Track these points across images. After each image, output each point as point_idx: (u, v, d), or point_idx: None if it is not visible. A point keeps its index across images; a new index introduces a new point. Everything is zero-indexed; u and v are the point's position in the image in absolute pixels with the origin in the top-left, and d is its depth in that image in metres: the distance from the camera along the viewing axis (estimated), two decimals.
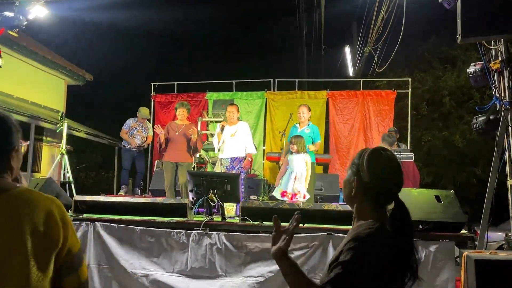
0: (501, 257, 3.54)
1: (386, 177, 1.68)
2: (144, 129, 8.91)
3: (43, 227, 1.46)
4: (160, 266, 4.81)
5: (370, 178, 1.66)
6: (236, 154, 6.73)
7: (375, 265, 1.52)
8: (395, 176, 1.70)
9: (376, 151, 1.72)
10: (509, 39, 4.41)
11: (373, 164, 1.68)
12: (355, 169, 1.72)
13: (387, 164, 1.70)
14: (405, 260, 1.61)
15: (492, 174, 4.41)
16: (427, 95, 13.92)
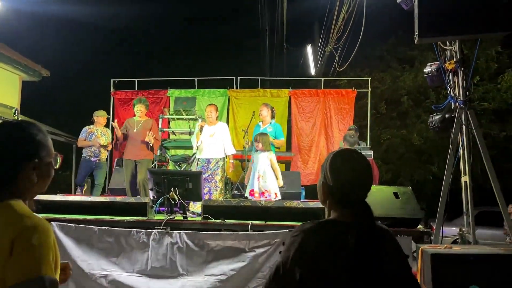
0: (455, 251, 3.66)
1: (347, 180, 1.64)
2: (104, 134, 8.18)
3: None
4: (119, 266, 4.72)
5: (333, 182, 1.65)
6: (213, 155, 6.64)
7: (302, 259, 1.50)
8: (357, 178, 1.65)
9: (338, 155, 1.71)
10: (463, 40, 4.57)
11: (334, 167, 1.67)
12: (323, 173, 1.71)
13: (349, 167, 1.66)
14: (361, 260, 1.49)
15: (447, 171, 4.55)
16: (386, 94, 14.25)
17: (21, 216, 1.37)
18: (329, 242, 1.52)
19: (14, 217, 1.36)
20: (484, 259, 3.50)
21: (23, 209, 1.41)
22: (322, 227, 1.58)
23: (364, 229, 1.55)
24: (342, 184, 1.64)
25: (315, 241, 1.52)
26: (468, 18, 4.03)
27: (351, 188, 1.63)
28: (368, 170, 1.69)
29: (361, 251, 1.49)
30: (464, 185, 4.65)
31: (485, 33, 4.22)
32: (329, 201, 1.68)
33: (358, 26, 8.32)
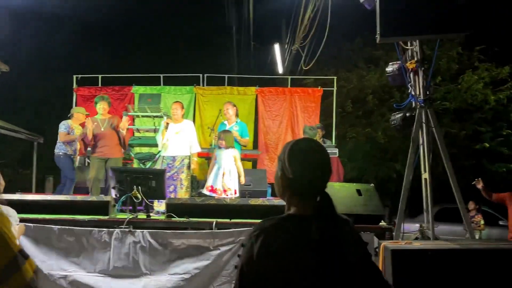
0: (415, 247, 3.74)
1: (306, 171, 1.57)
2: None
3: None
4: (80, 267, 4.62)
5: (292, 173, 1.57)
6: (179, 153, 6.51)
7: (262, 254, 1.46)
8: (317, 168, 1.58)
9: (296, 145, 1.63)
10: (424, 40, 4.68)
11: (292, 158, 1.59)
12: (280, 165, 1.63)
13: (307, 157, 1.59)
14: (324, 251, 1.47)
15: (408, 168, 4.66)
16: (352, 93, 14.45)
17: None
18: (292, 238, 1.48)
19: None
20: (442, 254, 3.58)
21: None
22: (283, 223, 1.53)
23: (327, 222, 1.50)
24: (302, 175, 1.56)
25: (278, 238, 1.48)
26: (428, 18, 4.13)
27: (311, 179, 1.57)
28: (327, 160, 1.63)
29: (325, 244, 1.46)
30: (424, 183, 4.77)
31: (444, 34, 4.34)
32: (288, 193, 1.61)
33: (324, 26, 8.39)
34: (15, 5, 11.22)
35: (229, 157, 6.33)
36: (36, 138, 11.33)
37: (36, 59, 15.62)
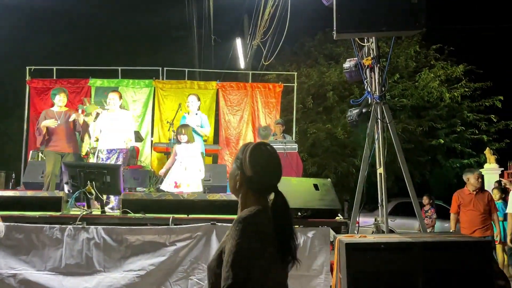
0: (368, 240, 3.81)
1: (266, 171, 1.86)
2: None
3: None
4: (29, 265, 4.46)
5: (252, 172, 1.83)
6: (114, 145, 6.26)
7: (259, 238, 1.71)
8: (275, 169, 1.89)
9: (257, 147, 1.89)
10: (379, 37, 4.76)
11: (254, 159, 1.85)
12: (239, 164, 1.87)
13: (267, 159, 1.88)
14: (283, 242, 1.77)
15: (363, 163, 4.74)
16: (312, 89, 14.58)
17: None
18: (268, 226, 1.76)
19: None
20: (394, 247, 3.67)
21: None
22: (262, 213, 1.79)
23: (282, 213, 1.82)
24: (261, 174, 1.84)
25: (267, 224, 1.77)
26: (384, 15, 4.20)
27: (269, 178, 1.86)
28: (279, 162, 1.92)
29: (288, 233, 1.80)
30: (379, 177, 4.87)
31: (399, 31, 4.42)
32: (244, 189, 1.86)
33: (285, 21, 8.42)
34: None
35: (190, 152, 6.26)
36: None
37: None
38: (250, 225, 1.72)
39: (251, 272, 1.68)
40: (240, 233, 1.70)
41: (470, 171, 6.34)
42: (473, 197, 6.10)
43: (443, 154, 14.40)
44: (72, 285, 4.42)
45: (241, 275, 1.65)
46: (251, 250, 1.68)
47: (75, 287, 4.41)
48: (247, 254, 1.68)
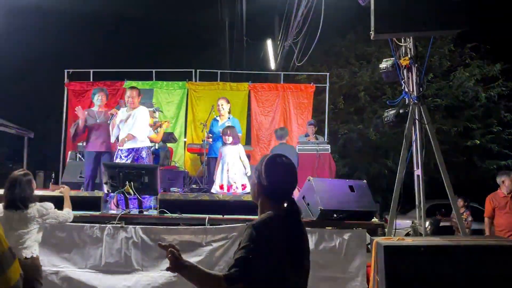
0: (407, 243, 3.76)
1: (280, 181, 2.06)
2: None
3: None
4: (71, 262, 4.59)
5: (267, 182, 2.04)
6: (134, 145, 6.10)
7: (266, 243, 1.87)
8: (288, 179, 2.10)
9: (272, 159, 2.10)
10: (417, 36, 4.68)
11: (269, 170, 2.06)
12: (257, 174, 2.10)
13: (281, 170, 2.08)
14: (293, 246, 1.97)
15: (401, 164, 4.67)
16: (344, 89, 14.46)
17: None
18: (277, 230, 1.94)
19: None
20: (434, 250, 3.61)
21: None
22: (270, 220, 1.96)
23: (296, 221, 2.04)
24: (275, 184, 2.05)
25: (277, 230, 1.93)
26: (422, 15, 4.13)
27: (282, 187, 2.07)
28: (294, 172, 2.13)
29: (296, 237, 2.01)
30: (417, 179, 4.79)
31: (437, 31, 4.35)
32: (262, 197, 2.07)
33: (317, 22, 8.38)
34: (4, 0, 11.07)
35: (235, 153, 6.33)
36: (26, 133, 11.22)
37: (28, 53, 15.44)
38: (257, 231, 1.89)
39: (253, 273, 1.83)
40: (248, 237, 1.87)
41: (506, 174, 6.16)
42: (509, 199, 5.94)
43: (479, 155, 14.02)
44: (111, 283, 4.52)
45: (240, 274, 1.81)
46: (255, 253, 1.84)
47: (114, 285, 4.52)
48: (255, 256, 1.84)
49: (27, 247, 3.63)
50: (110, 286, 4.52)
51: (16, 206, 3.62)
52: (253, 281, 1.83)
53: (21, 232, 3.61)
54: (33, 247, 3.71)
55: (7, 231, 3.42)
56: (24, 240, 3.62)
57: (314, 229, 4.51)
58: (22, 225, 3.62)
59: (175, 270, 1.86)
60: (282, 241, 1.93)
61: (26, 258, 3.59)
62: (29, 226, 3.65)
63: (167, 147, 8.40)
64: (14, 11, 14.07)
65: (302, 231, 2.06)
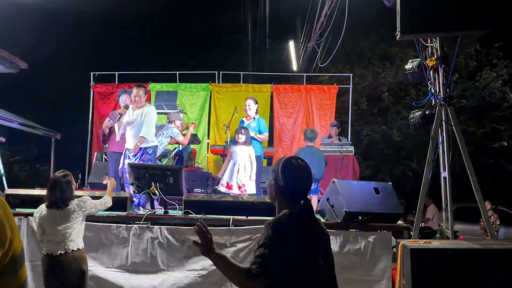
0: (434, 246, 3.71)
1: (296, 181, 2.18)
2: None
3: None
4: (98, 262, 4.67)
5: (284, 182, 2.17)
6: (143, 145, 5.96)
7: (282, 240, 2.00)
8: (303, 180, 2.22)
9: (288, 162, 2.21)
10: (444, 37, 4.61)
11: (286, 172, 2.18)
12: (274, 176, 2.21)
13: (297, 172, 2.20)
14: (307, 243, 2.08)
15: (427, 166, 4.61)
16: (367, 90, 14.34)
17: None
18: (293, 227, 2.07)
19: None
20: (462, 254, 3.55)
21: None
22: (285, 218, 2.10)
23: (310, 219, 2.17)
24: (291, 184, 2.17)
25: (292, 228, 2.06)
26: (449, 15, 4.07)
27: (298, 187, 2.19)
28: (309, 173, 2.24)
29: (310, 234, 2.12)
30: (444, 181, 4.72)
31: (465, 31, 4.27)
32: (279, 197, 2.20)
33: (340, 23, 8.34)
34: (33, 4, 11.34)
35: (245, 154, 6.33)
36: (54, 134, 11.45)
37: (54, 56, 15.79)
38: (274, 229, 2.02)
39: (271, 269, 1.95)
40: (265, 235, 2.01)
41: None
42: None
43: (506, 157, 13.70)
44: (137, 283, 4.58)
45: (259, 270, 1.93)
46: (272, 250, 1.97)
47: (140, 285, 4.58)
48: (273, 252, 1.96)
49: (72, 240, 3.85)
50: (136, 285, 4.59)
51: (58, 206, 3.86)
52: (271, 276, 1.95)
53: (65, 227, 3.82)
54: (78, 240, 3.93)
55: (52, 227, 3.78)
56: (69, 233, 3.83)
57: (339, 231, 4.49)
58: (66, 221, 3.84)
59: (204, 253, 2.02)
60: (297, 239, 2.05)
61: (73, 250, 3.83)
62: (72, 220, 3.87)
63: (190, 148, 8.47)
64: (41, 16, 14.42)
65: (317, 229, 2.18)
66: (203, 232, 2.00)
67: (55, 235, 3.80)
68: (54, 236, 3.80)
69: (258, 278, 1.93)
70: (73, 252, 3.82)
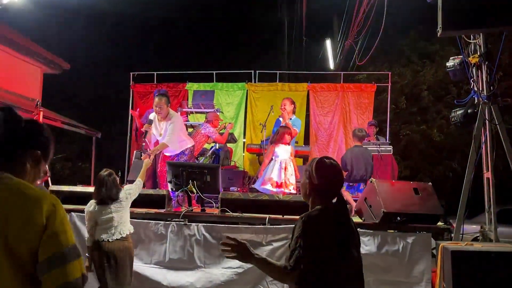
0: (477, 248, 3.60)
1: (329, 180, 2.28)
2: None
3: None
4: (137, 257, 4.76)
5: (318, 181, 2.25)
6: (176, 151, 6.18)
7: (318, 234, 2.09)
8: (336, 178, 2.32)
9: (321, 161, 2.31)
10: (488, 33, 4.46)
11: (319, 170, 2.27)
12: (307, 175, 2.30)
13: (330, 170, 2.30)
14: (341, 234, 2.17)
15: (469, 167, 4.47)
16: (406, 89, 14.05)
17: (43, 194, 1.52)
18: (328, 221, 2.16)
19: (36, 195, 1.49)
20: (507, 257, 3.43)
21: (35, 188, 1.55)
22: (321, 213, 2.18)
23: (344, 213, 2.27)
24: (325, 183, 2.26)
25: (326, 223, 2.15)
26: (493, 10, 3.92)
27: (331, 185, 2.28)
28: (341, 172, 2.37)
29: (344, 226, 2.21)
30: (487, 182, 4.57)
31: (510, 26, 4.11)
32: (313, 195, 2.29)
33: (378, 20, 8.20)
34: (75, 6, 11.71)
35: (288, 153, 6.32)
36: (94, 133, 11.79)
37: (95, 57, 16.26)
38: (308, 224, 2.10)
39: (310, 261, 2.04)
40: (298, 230, 2.09)
41: None
42: None
43: None
44: (175, 279, 4.66)
45: (295, 264, 2.03)
46: (311, 243, 2.05)
47: (178, 281, 4.65)
48: (307, 246, 2.04)
49: (124, 225, 4.21)
50: (173, 281, 4.67)
51: (105, 202, 4.18)
52: (307, 270, 2.04)
53: (115, 216, 4.16)
54: (127, 225, 4.27)
55: (104, 217, 4.12)
56: (119, 221, 4.17)
57: (377, 231, 4.42)
58: (115, 211, 4.17)
59: (244, 260, 2.17)
60: (331, 233, 2.13)
61: (127, 235, 4.21)
62: (120, 210, 4.21)
63: (227, 147, 8.54)
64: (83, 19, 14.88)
65: (350, 224, 2.26)
66: (235, 245, 2.12)
67: (107, 223, 4.11)
68: (106, 224, 4.11)
69: (294, 272, 2.03)
70: (127, 237, 4.19)
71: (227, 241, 2.13)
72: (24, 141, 1.61)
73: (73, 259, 1.47)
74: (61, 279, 1.43)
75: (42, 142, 1.66)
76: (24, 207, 1.45)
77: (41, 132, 1.67)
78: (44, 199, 1.48)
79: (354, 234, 2.28)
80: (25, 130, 1.62)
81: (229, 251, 2.13)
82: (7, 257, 1.40)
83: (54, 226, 1.46)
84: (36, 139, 1.64)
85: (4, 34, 10.21)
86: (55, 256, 1.43)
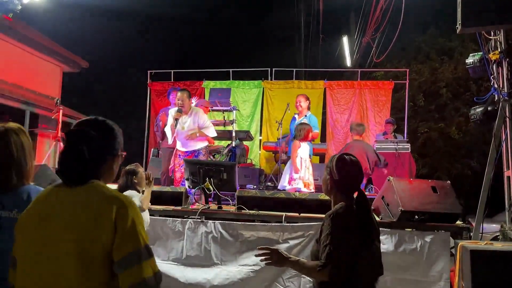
0: (497, 248, 3.54)
1: (350, 175, 2.38)
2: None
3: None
4: (155, 254, 4.72)
5: (339, 176, 2.35)
6: (192, 147, 6.19)
7: (346, 230, 2.19)
8: (356, 174, 2.42)
9: (341, 157, 2.42)
10: (509, 29, 4.38)
11: (340, 167, 2.37)
12: (328, 171, 2.40)
13: (350, 166, 2.40)
14: (365, 227, 2.28)
15: (489, 165, 4.41)
16: (424, 86, 13.90)
17: (116, 195, 1.59)
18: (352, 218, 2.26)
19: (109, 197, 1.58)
20: None
21: (111, 189, 1.63)
22: (347, 209, 2.28)
23: (366, 207, 2.34)
24: (346, 178, 2.36)
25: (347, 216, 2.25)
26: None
27: (352, 180, 2.39)
28: (360, 168, 2.46)
29: (367, 220, 2.31)
30: (507, 180, 4.50)
31: None
32: (335, 191, 2.38)
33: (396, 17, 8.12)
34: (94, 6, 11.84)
35: (307, 151, 6.27)
36: None
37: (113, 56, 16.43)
38: (337, 220, 2.21)
39: (341, 256, 2.14)
40: (327, 227, 2.19)
41: None
42: None
43: None
44: (192, 276, 4.69)
45: (327, 259, 2.13)
46: (340, 238, 2.15)
47: (195, 278, 4.68)
48: (337, 242, 2.14)
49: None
50: (190, 278, 4.69)
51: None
52: (338, 264, 2.13)
53: None
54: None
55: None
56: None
57: (394, 230, 4.39)
58: None
59: (279, 264, 2.29)
60: (356, 227, 2.23)
61: None
62: None
63: (243, 145, 8.56)
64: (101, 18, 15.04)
65: (371, 217, 2.36)
66: (269, 253, 2.26)
67: None
68: None
69: (326, 268, 2.13)
70: None
71: (262, 251, 2.27)
72: (113, 147, 1.72)
73: (146, 258, 1.55)
74: (136, 277, 1.51)
75: (120, 144, 1.76)
76: (109, 210, 1.53)
77: (118, 134, 1.76)
78: (119, 201, 1.56)
79: (375, 226, 2.39)
80: (114, 137, 1.73)
81: (266, 259, 2.26)
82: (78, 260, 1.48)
83: (126, 227, 1.53)
84: (120, 143, 1.75)
85: (25, 33, 10.40)
86: (131, 255, 1.51)
